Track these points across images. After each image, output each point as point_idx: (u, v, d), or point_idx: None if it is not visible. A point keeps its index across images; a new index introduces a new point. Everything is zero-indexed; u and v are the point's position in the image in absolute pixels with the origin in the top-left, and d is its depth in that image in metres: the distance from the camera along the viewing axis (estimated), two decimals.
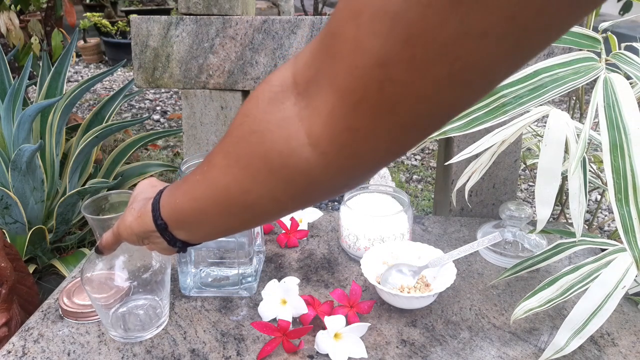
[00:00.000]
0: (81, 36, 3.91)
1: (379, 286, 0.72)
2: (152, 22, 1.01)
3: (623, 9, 2.49)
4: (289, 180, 0.33)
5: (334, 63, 0.27)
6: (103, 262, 0.66)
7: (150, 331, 0.69)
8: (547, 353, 0.62)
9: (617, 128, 0.62)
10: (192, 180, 0.41)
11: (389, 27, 0.23)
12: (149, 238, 0.48)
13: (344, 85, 0.27)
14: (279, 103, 0.32)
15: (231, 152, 0.36)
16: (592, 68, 0.69)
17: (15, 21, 1.88)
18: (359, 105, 0.27)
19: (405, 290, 0.74)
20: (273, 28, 0.99)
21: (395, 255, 0.80)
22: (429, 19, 0.22)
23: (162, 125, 2.74)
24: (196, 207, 0.41)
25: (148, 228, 0.47)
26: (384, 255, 0.80)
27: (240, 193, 0.36)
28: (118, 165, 1.54)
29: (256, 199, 0.36)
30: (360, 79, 0.26)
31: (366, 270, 0.75)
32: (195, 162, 0.74)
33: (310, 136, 0.30)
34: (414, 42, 0.23)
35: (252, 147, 0.33)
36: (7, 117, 1.29)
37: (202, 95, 1.05)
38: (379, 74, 0.25)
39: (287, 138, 0.31)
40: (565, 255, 0.72)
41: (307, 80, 0.30)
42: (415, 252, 0.80)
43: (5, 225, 1.23)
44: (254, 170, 0.34)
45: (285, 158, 0.31)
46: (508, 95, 0.69)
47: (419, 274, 0.76)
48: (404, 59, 0.24)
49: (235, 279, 0.76)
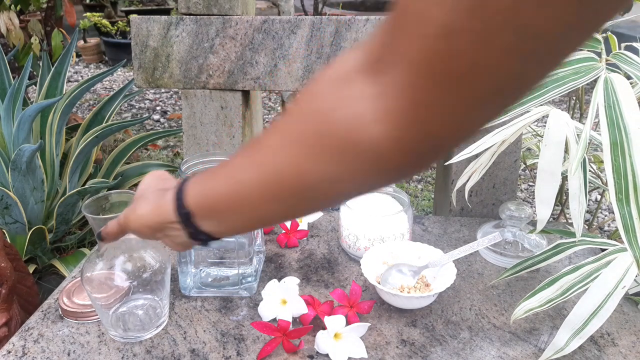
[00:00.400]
0: (81, 36, 3.91)
1: (379, 286, 0.72)
2: (152, 22, 1.01)
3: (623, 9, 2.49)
4: (355, 160, 0.31)
5: (401, 37, 0.27)
6: (103, 262, 0.66)
7: (150, 331, 0.69)
8: (547, 353, 0.62)
9: (617, 127, 0.62)
10: (234, 164, 0.38)
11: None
12: (164, 230, 0.46)
13: (412, 58, 0.26)
14: (346, 82, 0.31)
15: (289, 131, 0.34)
16: (592, 68, 0.69)
17: (15, 21, 1.88)
18: (428, 78, 0.26)
19: (405, 290, 0.74)
20: (273, 28, 0.99)
21: (395, 255, 0.80)
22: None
23: (162, 125, 2.74)
24: (238, 191, 0.38)
25: (166, 219, 0.44)
26: (383, 255, 0.80)
27: (296, 174, 0.34)
28: (118, 165, 1.54)
29: (314, 182, 0.33)
30: (427, 51, 0.26)
31: (366, 270, 0.75)
32: (195, 162, 0.74)
33: (379, 113, 0.29)
34: (477, 10, 0.23)
35: (315, 125, 0.32)
36: (7, 117, 1.29)
37: (202, 95, 1.05)
38: (444, 44, 0.25)
39: (356, 115, 0.30)
40: (565, 255, 0.72)
41: (376, 57, 0.29)
42: (415, 252, 0.80)
43: (5, 225, 1.23)
44: (316, 149, 0.32)
45: (353, 135, 0.30)
46: None
47: (419, 274, 0.76)
48: (468, 28, 0.24)
49: (235, 279, 0.76)
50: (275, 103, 3.00)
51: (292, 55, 1.00)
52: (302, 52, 1.00)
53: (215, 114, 1.05)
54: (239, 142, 1.06)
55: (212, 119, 1.06)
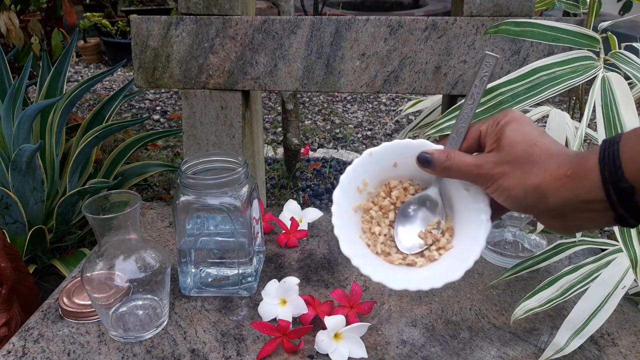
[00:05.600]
0: (81, 36, 3.91)
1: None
2: (152, 22, 1.01)
3: (623, 9, 2.49)
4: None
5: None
6: (103, 262, 0.66)
7: (150, 331, 0.69)
8: (547, 353, 0.62)
9: (614, 127, 0.62)
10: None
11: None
12: (573, 210, 0.34)
13: None
14: None
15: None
16: (590, 67, 0.69)
17: (15, 21, 1.88)
18: None
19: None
20: (273, 28, 0.99)
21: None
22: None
23: (162, 125, 2.74)
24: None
25: (584, 196, 0.33)
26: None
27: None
28: (118, 165, 1.53)
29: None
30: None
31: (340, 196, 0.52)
32: (195, 162, 0.74)
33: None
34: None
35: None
36: (7, 117, 1.29)
37: (202, 95, 1.05)
38: None
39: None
40: (565, 255, 0.72)
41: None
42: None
43: (5, 225, 1.23)
44: None
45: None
46: (505, 94, 0.69)
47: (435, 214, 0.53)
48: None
49: (235, 279, 0.76)
50: (275, 103, 3.00)
51: (292, 55, 1.00)
52: (302, 52, 1.00)
53: (215, 114, 1.05)
54: (239, 142, 1.06)
55: (212, 119, 1.06)
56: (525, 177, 0.37)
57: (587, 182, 0.33)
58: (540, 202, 0.36)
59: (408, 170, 0.52)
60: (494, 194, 0.42)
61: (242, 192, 0.72)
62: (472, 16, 0.96)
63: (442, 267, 0.50)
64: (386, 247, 0.52)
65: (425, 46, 0.97)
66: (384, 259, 0.52)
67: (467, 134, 0.47)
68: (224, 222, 0.75)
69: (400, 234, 0.53)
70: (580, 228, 0.37)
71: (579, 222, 0.36)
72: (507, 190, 0.39)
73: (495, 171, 0.40)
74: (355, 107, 2.96)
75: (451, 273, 0.48)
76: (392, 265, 0.51)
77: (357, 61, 1.00)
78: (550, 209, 0.36)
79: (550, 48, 0.94)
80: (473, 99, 0.48)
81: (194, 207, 0.71)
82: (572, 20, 0.91)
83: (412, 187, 0.54)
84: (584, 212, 0.34)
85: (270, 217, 0.96)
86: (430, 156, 0.46)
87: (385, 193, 0.54)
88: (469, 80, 0.98)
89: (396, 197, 0.53)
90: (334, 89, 1.02)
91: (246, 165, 0.73)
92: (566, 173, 0.34)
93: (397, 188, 0.53)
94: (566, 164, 0.35)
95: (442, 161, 0.45)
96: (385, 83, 1.00)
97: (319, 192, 1.92)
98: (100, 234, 0.64)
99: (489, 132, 0.44)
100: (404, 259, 0.52)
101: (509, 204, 0.40)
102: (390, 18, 0.97)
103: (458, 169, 0.44)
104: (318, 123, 2.73)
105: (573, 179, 0.34)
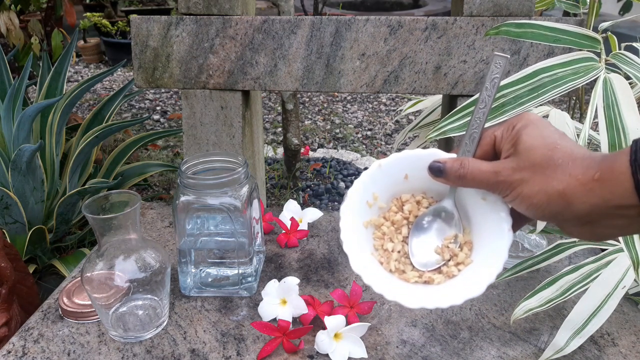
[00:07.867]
0: (81, 36, 3.91)
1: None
2: (152, 22, 1.01)
3: (623, 9, 2.50)
4: None
5: None
6: (103, 262, 0.66)
7: (150, 331, 0.69)
8: (547, 353, 0.62)
9: (616, 128, 0.62)
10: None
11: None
12: (602, 217, 0.32)
13: None
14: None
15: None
16: (591, 68, 0.69)
17: (15, 21, 1.88)
18: None
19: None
20: (273, 28, 0.99)
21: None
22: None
23: (162, 125, 2.74)
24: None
25: (615, 202, 0.31)
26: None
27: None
28: (118, 165, 1.53)
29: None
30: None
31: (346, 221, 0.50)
32: (195, 162, 0.74)
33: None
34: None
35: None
36: (7, 117, 1.29)
37: (202, 95, 1.05)
38: None
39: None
40: (565, 255, 0.72)
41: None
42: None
43: (5, 225, 1.23)
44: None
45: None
46: (507, 95, 0.69)
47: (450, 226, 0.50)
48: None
49: (235, 279, 0.76)
50: (275, 103, 3.00)
51: (292, 55, 1.00)
52: (302, 52, 1.00)
53: (215, 114, 1.05)
54: (239, 142, 1.06)
55: (212, 119, 1.06)
56: (547, 183, 0.35)
57: (617, 186, 0.31)
58: (566, 210, 0.34)
59: (420, 182, 0.49)
60: (514, 202, 0.39)
61: (242, 192, 0.72)
62: (472, 16, 0.96)
63: (462, 282, 0.47)
64: (400, 265, 0.49)
65: (425, 46, 0.97)
66: (398, 276, 0.49)
67: (481, 140, 0.44)
68: (224, 222, 0.75)
69: (415, 249, 0.49)
70: (610, 236, 0.35)
71: (609, 229, 0.34)
72: (528, 198, 0.37)
73: (514, 178, 0.38)
74: (355, 107, 2.96)
75: (472, 289, 0.45)
76: (408, 284, 0.48)
77: (357, 61, 1.00)
78: (577, 216, 0.34)
79: (550, 48, 0.94)
80: (484, 102, 0.45)
81: (194, 207, 0.71)
82: (572, 20, 0.91)
83: (426, 201, 0.51)
84: (615, 218, 0.32)
85: (270, 217, 0.96)
86: (442, 165, 0.44)
87: (397, 207, 0.51)
88: (469, 80, 0.98)
89: (409, 211, 0.50)
90: (334, 89, 1.02)
91: (246, 165, 0.73)
92: (593, 177, 0.32)
93: (410, 202, 0.50)
94: (593, 167, 0.33)
95: (456, 169, 0.42)
96: (385, 83, 1.00)
97: (319, 192, 1.92)
98: (100, 234, 0.64)
99: (504, 137, 0.41)
100: (420, 277, 0.48)
101: (531, 212, 0.38)
102: (390, 18, 0.97)
103: (473, 177, 0.41)
104: (318, 123, 2.73)
105: (601, 183, 0.32)
